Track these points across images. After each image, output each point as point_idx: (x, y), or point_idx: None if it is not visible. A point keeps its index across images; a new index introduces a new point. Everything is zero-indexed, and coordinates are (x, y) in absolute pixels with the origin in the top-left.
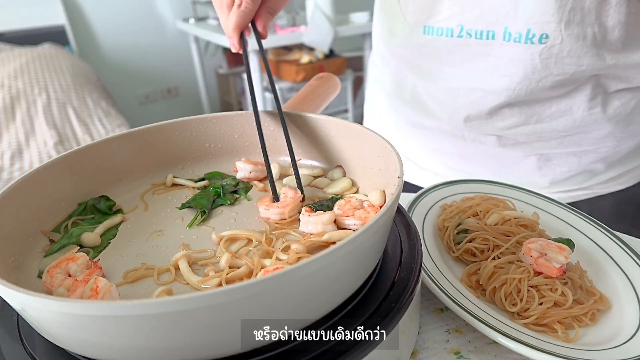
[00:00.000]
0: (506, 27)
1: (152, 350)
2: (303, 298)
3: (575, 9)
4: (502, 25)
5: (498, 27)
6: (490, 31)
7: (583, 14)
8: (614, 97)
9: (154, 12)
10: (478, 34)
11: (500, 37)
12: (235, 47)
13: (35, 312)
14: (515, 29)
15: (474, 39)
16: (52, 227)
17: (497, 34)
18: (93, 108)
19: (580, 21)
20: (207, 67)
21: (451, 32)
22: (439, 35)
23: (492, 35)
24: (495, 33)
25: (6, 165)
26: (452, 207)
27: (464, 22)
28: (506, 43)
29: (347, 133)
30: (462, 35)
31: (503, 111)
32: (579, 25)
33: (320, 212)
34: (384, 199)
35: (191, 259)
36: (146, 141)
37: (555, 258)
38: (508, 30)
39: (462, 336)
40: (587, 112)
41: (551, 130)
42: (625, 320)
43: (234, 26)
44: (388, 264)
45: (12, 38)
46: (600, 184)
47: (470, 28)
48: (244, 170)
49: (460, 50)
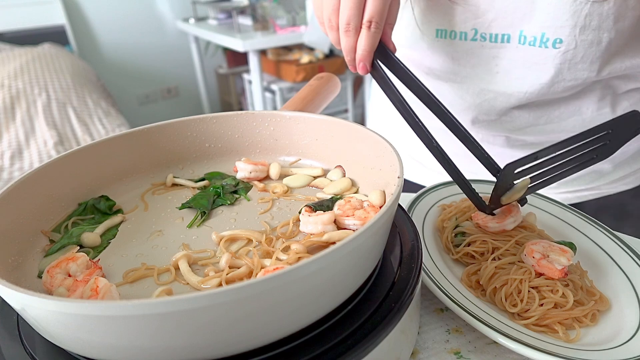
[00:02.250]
0: (522, 31)
1: (151, 350)
2: (303, 298)
3: (592, 15)
4: (518, 29)
5: (514, 30)
6: (506, 34)
7: (601, 19)
8: (623, 98)
9: (154, 12)
10: (493, 38)
11: (515, 40)
12: (365, 70)
13: (35, 312)
14: (531, 32)
15: (489, 42)
16: (52, 227)
17: (512, 37)
18: (93, 108)
19: (596, 27)
20: (207, 67)
21: (465, 36)
22: (452, 39)
23: (507, 38)
24: (510, 36)
25: (6, 165)
26: (451, 207)
27: (477, 25)
28: (521, 46)
29: (347, 133)
30: (476, 39)
31: (512, 112)
32: (595, 30)
33: (320, 212)
34: (384, 199)
35: (191, 259)
36: (146, 141)
37: (558, 260)
38: (523, 33)
39: (462, 336)
40: (596, 112)
41: (560, 130)
42: (626, 321)
43: (369, 49)
44: (388, 264)
45: (12, 38)
46: (607, 184)
47: (485, 32)
48: (244, 170)
49: (473, 54)
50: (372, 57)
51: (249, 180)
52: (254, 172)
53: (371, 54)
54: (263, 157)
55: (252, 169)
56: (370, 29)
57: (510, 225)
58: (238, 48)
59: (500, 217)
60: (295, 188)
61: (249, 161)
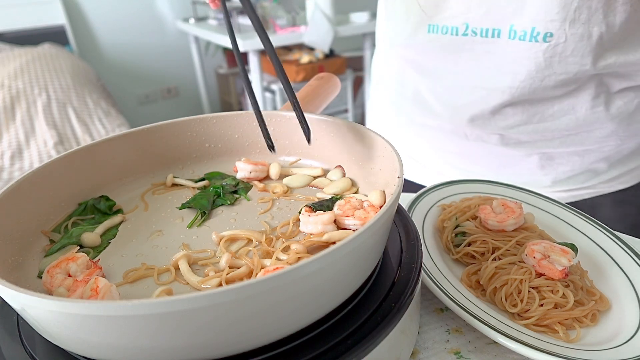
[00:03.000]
0: (512, 25)
1: (151, 350)
2: (303, 298)
3: (582, 8)
4: (509, 23)
5: (504, 24)
6: (496, 29)
7: (590, 12)
8: (616, 96)
9: (154, 12)
10: (484, 32)
11: (505, 35)
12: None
13: (35, 312)
14: (521, 27)
15: (479, 37)
16: (52, 227)
17: (502, 32)
18: (93, 108)
19: (586, 20)
20: (207, 67)
21: (456, 31)
22: (444, 34)
23: (497, 33)
24: (501, 31)
25: (6, 165)
26: (451, 207)
27: (469, 20)
28: (511, 41)
29: (347, 133)
30: (467, 34)
31: (506, 110)
32: (585, 24)
33: (320, 212)
34: (384, 199)
35: (191, 259)
36: (146, 141)
37: (559, 260)
38: (514, 28)
39: (462, 336)
40: (590, 111)
41: (554, 129)
42: (626, 321)
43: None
44: (388, 264)
45: (12, 38)
46: (603, 183)
47: (476, 26)
48: (244, 170)
49: (465, 49)
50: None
51: (249, 180)
52: (254, 172)
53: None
54: (263, 157)
55: (252, 169)
56: None
57: (510, 227)
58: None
59: (501, 217)
60: (295, 188)
61: (249, 161)
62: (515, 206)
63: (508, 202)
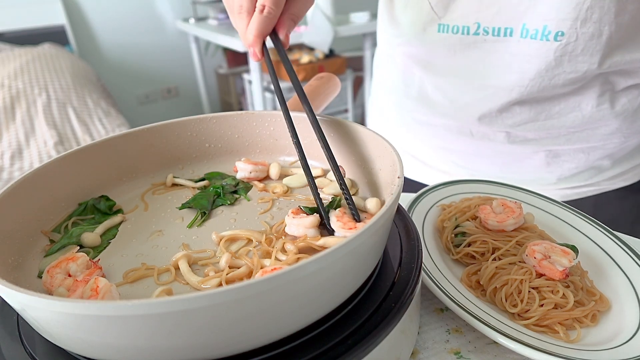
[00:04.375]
0: (524, 24)
1: (151, 350)
2: (303, 298)
3: (594, 8)
4: (521, 22)
5: (516, 23)
6: (508, 28)
7: (602, 12)
8: (621, 94)
9: (154, 12)
10: (495, 31)
11: (517, 34)
12: (256, 57)
13: (35, 312)
14: (533, 25)
15: (491, 36)
16: (52, 227)
17: (514, 31)
18: (93, 108)
19: (597, 19)
20: (207, 67)
21: (467, 30)
22: (454, 33)
23: (510, 32)
24: (513, 30)
25: (6, 165)
26: (451, 207)
27: (480, 19)
28: (522, 40)
29: (347, 133)
30: (478, 33)
31: (513, 108)
32: (596, 23)
33: (304, 215)
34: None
35: (191, 259)
36: (146, 141)
37: (559, 261)
38: (526, 26)
39: (462, 336)
40: (595, 108)
41: (560, 126)
42: (626, 321)
43: (257, 34)
44: (388, 264)
45: (12, 38)
46: (606, 180)
47: (488, 25)
48: (244, 170)
49: (475, 47)
50: (260, 43)
51: (249, 180)
52: (254, 172)
53: (259, 39)
54: (263, 157)
55: (252, 169)
56: (263, 12)
57: (510, 227)
58: (238, 48)
59: (501, 217)
60: (295, 188)
61: (249, 161)
62: (515, 206)
63: (508, 202)
